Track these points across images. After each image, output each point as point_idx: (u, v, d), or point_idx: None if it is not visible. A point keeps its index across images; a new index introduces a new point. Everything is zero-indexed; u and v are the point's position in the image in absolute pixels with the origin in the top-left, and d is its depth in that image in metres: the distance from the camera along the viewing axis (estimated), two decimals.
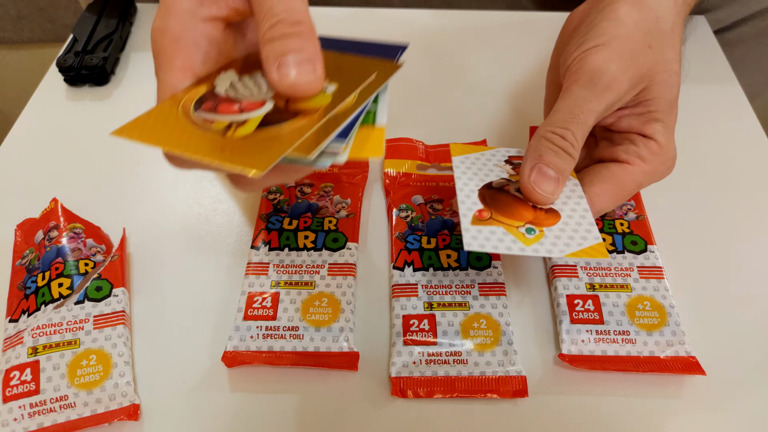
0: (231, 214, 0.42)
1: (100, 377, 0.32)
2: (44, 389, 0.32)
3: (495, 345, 0.34)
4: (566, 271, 0.37)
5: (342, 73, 0.30)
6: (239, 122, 0.27)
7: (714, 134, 0.46)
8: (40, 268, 0.36)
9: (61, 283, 0.36)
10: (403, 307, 0.36)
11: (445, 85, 0.50)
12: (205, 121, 0.28)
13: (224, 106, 0.29)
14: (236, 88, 0.30)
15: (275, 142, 0.26)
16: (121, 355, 0.33)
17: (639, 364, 0.33)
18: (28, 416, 0.31)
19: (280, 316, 0.35)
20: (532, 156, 0.32)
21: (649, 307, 0.35)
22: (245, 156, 0.25)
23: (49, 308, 0.35)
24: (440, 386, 0.33)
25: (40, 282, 0.36)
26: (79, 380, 0.32)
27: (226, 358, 0.33)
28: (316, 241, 0.38)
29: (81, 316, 0.34)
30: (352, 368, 0.33)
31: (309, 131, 0.26)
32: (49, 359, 0.33)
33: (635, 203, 0.40)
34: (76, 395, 0.32)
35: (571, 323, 0.34)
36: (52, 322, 0.34)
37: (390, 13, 0.56)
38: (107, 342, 0.34)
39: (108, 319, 0.35)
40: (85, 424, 0.31)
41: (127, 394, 0.32)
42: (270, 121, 0.27)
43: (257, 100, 0.29)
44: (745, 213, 0.42)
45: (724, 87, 0.49)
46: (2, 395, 0.32)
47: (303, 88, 0.27)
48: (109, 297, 0.36)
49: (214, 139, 0.27)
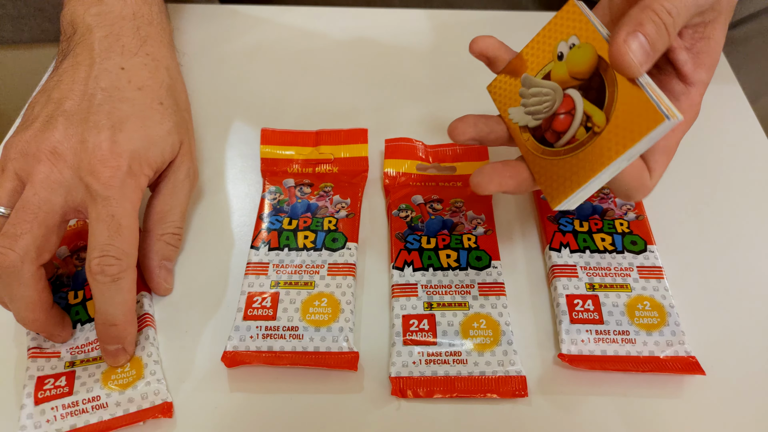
0: (230, 214, 0.42)
1: (133, 378, 0.33)
2: (77, 391, 0.32)
3: (495, 345, 0.34)
4: (566, 271, 0.37)
5: None
6: (585, 120, 0.30)
7: (714, 134, 0.46)
8: (71, 287, 0.37)
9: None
10: (402, 307, 0.36)
11: (445, 85, 0.50)
12: (571, 142, 0.30)
13: (557, 124, 0.31)
14: (534, 111, 0.32)
15: (633, 102, 0.28)
16: (150, 356, 0.34)
17: (639, 364, 0.33)
18: (61, 417, 0.31)
19: (280, 316, 0.35)
20: (631, 23, 0.28)
21: (649, 307, 0.35)
22: (642, 121, 0.27)
23: (87, 327, 0.35)
24: (440, 386, 0.33)
25: (71, 300, 0.36)
26: (112, 383, 0.33)
27: (226, 358, 0.33)
28: (315, 241, 0.38)
29: None
30: (351, 368, 0.33)
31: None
32: (86, 369, 0.33)
33: (635, 203, 0.40)
34: (109, 396, 0.32)
35: (571, 323, 0.34)
36: (89, 341, 0.35)
37: (390, 13, 0.56)
38: (137, 347, 0.34)
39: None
40: (117, 424, 0.31)
41: (159, 392, 0.33)
42: (595, 98, 0.30)
43: (561, 99, 0.31)
44: (745, 213, 0.42)
45: (724, 87, 0.49)
46: (34, 398, 0.32)
47: (162, 292, 0.38)
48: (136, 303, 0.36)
49: (602, 140, 0.29)
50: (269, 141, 0.43)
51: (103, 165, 0.32)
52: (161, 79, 0.38)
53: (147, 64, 0.37)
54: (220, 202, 0.43)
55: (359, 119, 0.47)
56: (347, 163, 0.43)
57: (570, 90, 0.31)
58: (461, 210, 0.40)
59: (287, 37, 0.54)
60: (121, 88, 0.35)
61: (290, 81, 0.51)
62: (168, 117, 0.37)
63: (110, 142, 0.33)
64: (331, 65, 0.52)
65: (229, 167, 0.45)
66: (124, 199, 0.32)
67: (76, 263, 0.38)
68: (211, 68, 0.51)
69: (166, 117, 0.36)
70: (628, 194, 0.32)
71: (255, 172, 0.44)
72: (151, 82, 0.37)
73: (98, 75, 0.35)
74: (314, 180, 0.42)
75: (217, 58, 0.52)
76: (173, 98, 0.38)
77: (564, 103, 0.31)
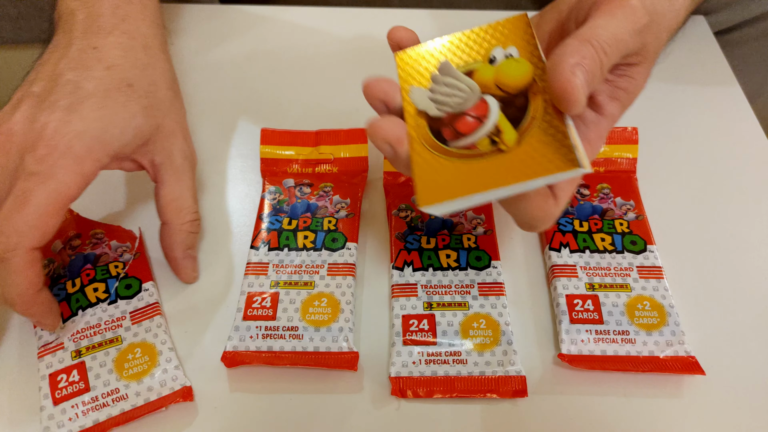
0: (230, 214, 0.42)
1: (148, 366, 0.33)
2: (94, 386, 0.32)
3: (494, 345, 0.34)
4: (566, 271, 0.37)
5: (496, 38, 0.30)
6: (493, 132, 0.28)
7: (714, 134, 0.46)
8: (68, 277, 0.37)
9: (96, 288, 0.36)
10: (402, 307, 0.36)
11: None
12: (469, 148, 0.28)
13: (461, 124, 0.28)
14: (441, 101, 0.30)
15: (553, 137, 0.26)
16: (164, 343, 0.34)
17: (638, 364, 0.33)
18: (83, 414, 0.32)
19: (280, 316, 0.35)
20: (574, 54, 0.27)
21: (649, 306, 0.35)
22: (554, 160, 0.26)
23: (88, 312, 0.35)
24: (440, 386, 0.33)
25: (70, 289, 0.36)
26: (127, 372, 0.33)
27: (226, 358, 0.33)
28: (315, 241, 0.38)
29: (117, 315, 0.35)
30: (351, 368, 0.33)
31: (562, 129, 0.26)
32: (95, 358, 0.33)
33: (635, 203, 0.40)
34: (127, 387, 0.32)
35: (571, 323, 0.34)
36: (90, 325, 0.35)
37: (389, 13, 0.56)
38: (148, 333, 0.34)
39: (144, 313, 0.35)
40: (140, 413, 0.32)
41: (177, 378, 0.33)
42: (512, 116, 0.28)
43: (476, 101, 0.29)
44: (745, 213, 0.42)
45: (724, 88, 0.49)
46: (52, 398, 0.32)
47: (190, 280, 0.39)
48: (140, 293, 0.36)
49: (504, 160, 0.27)
50: (269, 141, 0.43)
51: (41, 143, 0.31)
52: (135, 58, 0.36)
53: (122, 42, 0.36)
54: (220, 202, 0.43)
55: (359, 119, 0.47)
56: (347, 163, 0.43)
57: (488, 96, 0.29)
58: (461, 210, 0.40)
59: (287, 37, 0.54)
60: (91, 67, 0.34)
61: (290, 81, 0.51)
62: (136, 99, 0.35)
63: (59, 122, 0.32)
64: (331, 65, 0.52)
65: (229, 167, 0.45)
66: (51, 179, 0.31)
67: (69, 253, 0.38)
68: (211, 68, 0.51)
69: (133, 99, 0.35)
70: (531, 224, 0.30)
71: (255, 172, 0.44)
72: (123, 62, 0.35)
73: (70, 56, 0.34)
74: (314, 180, 0.42)
75: (217, 58, 0.52)
76: (149, 79, 0.36)
77: (477, 107, 0.29)
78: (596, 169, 0.42)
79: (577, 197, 0.40)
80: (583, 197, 0.40)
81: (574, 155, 0.25)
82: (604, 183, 0.41)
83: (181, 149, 0.38)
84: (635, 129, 0.42)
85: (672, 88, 0.49)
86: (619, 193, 0.40)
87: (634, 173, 0.42)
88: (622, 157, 0.42)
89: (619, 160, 0.42)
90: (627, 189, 0.41)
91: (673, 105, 0.48)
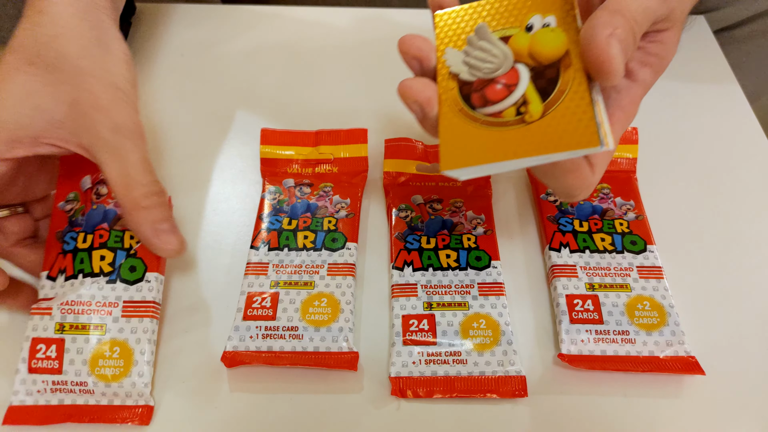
0: (230, 214, 0.42)
1: (120, 373, 0.32)
2: (66, 371, 0.32)
3: (494, 345, 0.34)
4: (566, 271, 0.37)
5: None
6: (520, 102, 0.27)
7: (714, 134, 0.46)
8: (83, 228, 0.34)
9: (104, 256, 0.34)
10: (402, 307, 0.36)
11: None
12: (494, 116, 0.28)
13: (490, 91, 0.28)
14: (474, 65, 0.29)
15: (578, 112, 0.26)
16: (143, 353, 0.33)
17: (638, 364, 0.33)
18: (50, 392, 0.32)
19: (280, 316, 0.35)
20: (606, 26, 0.26)
21: (649, 307, 0.35)
22: (575, 135, 0.26)
23: (87, 281, 0.33)
24: (440, 386, 0.33)
25: (80, 243, 0.34)
26: (99, 371, 0.32)
27: (226, 358, 0.33)
28: (315, 241, 0.38)
29: (111, 299, 0.33)
30: (351, 368, 0.33)
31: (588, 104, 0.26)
32: (75, 341, 0.32)
33: (635, 203, 0.40)
34: (95, 384, 0.32)
35: (571, 323, 0.34)
36: (82, 300, 0.33)
37: (389, 13, 0.56)
38: (132, 335, 0.33)
39: (137, 308, 0.34)
40: (99, 412, 0.32)
41: (143, 395, 0.32)
42: (541, 87, 0.27)
43: (508, 68, 0.29)
44: (744, 213, 0.42)
45: (724, 87, 0.49)
46: (28, 365, 0.32)
47: (177, 253, 0.33)
48: (141, 281, 0.34)
49: (527, 132, 0.27)
50: (269, 141, 0.43)
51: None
52: (41, 34, 0.33)
53: (31, 20, 0.33)
54: (220, 202, 0.43)
55: (359, 119, 0.47)
56: (347, 163, 0.43)
57: (520, 65, 0.29)
58: (461, 210, 0.40)
59: (287, 37, 0.54)
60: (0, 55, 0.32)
61: (290, 81, 0.51)
62: (36, 77, 0.32)
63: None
64: (331, 65, 0.52)
65: (229, 167, 0.45)
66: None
67: (93, 199, 0.35)
68: (211, 68, 0.51)
69: (33, 77, 0.32)
70: (570, 193, 0.30)
71: (255, 172, 0.44)
72: (27, 41, 0.33)
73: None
74: (314, 180, 0.42)
75: (217, 58, 0.52)
76: (57, 51, 0.32)
77: (508, 75, 0.28)
78: None
79: None
80: None
81: (596, 132, 0.25)
82: (604, 183, 0.41)
83: (111, 123, 0.32)
84: (635, 129, 0.42)
85: (672, 88, 0.49)
86: (619, 193, 0.40)
87: (634, 173, 0.42)
88: (622, 157, 0.42)
89: (619, 160, 0.42)
90: (627, 189, 0.41)
91: (673, 105, 0.48)
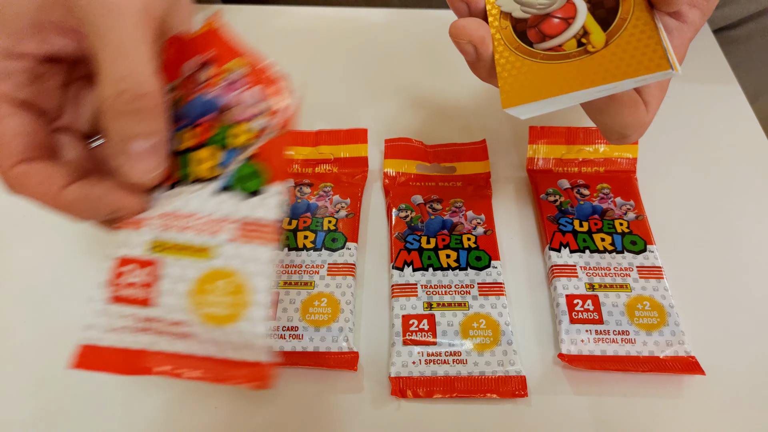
0: None
1: (233, 315, 0.23)
2: (159, 303, 0.24)
3: (494, 345, 0.34)
4: (566, 271, 0.37)
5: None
6: (580, 34, 0.27)
7: (714, 134, 0.46)
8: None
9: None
10: (402, 307, 0.36)
11: (445, 85, 0.50)
12: (555, 50, 0.27)
13: (547, 26, 0.28)
14: (527, 2, 0.29)
15: (644, 38, 0.26)
16: (258, 293, 0.23)
17: (638, 364, 0.33)
18: (131, 331, 0.24)
19: (280, 316, 0.35)
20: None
21: (649, 306, 0.35)
22: (644, 60, 0.25)
23: (186, 191, 0.25)
24: (440, 386, 0.33)
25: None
26: (210, 307, 0.23)
27: None
28: (315, 241, 0.38)
29: (217, 215, 0.24)
30: (351, 368, 0.33)
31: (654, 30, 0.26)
32: (173, 265, 0.24)
33: (635, 203, 0.40)
34: (206, 330, 0.23)
35: (571, 323, 0.34)
36: (182, 213, 0.25)
37: (390, 13, 0.56)
38: (247, 264, 0.24)
39: (249, 230, 0.24)
40: (212, 365, 0.23)
41: (262, 342, 0.23)
42: (600, 17, 0.27)
43: (563, 2, 0.28)
44: (745, 213, 0.41)
45: (724, 87, 0.49)
46: (111, 291, 0.24)
47: (144, 182, 0.25)
48: (257, 194, 0.25)
49: (591, 61, 0.26)
50: None
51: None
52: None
53: None
54: None
55: (359, 119, 0.47)
56: (347, 163, 0.43)
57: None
58: (461, 210, 0.40)
59: (288, 36, 0.54)
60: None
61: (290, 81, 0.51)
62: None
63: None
64: (331, 65, 0.52)
65: None
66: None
67: (197, 88, 0.27)
68: None
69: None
70: (623, 132, 0.29)
71: None
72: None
73: None
74: (314, 180, 0.42)
75: None
76: None
77: (564, 8, 0.28)
78: (596, 169, 0.42)
79: (577, 197, 0.40)
80: (583, 197, 0.40)
81: (665, 56, 0.25)
82: (604, 183, 0.41)
83: (99, 3, 0.24)
84: None
85: (672, 88, 0.49)
86: (619, 193, 0.40)
87: (634, 173, 0.42)
88: (622, 157, 0.42)
89: (619, 160, 0.42)
90: (627, 189, 0.41)
91: (673, 105, 0.48)
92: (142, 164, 0.24)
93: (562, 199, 0.40)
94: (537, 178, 0.42)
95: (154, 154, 0.24)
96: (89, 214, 0.25)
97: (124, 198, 0.25)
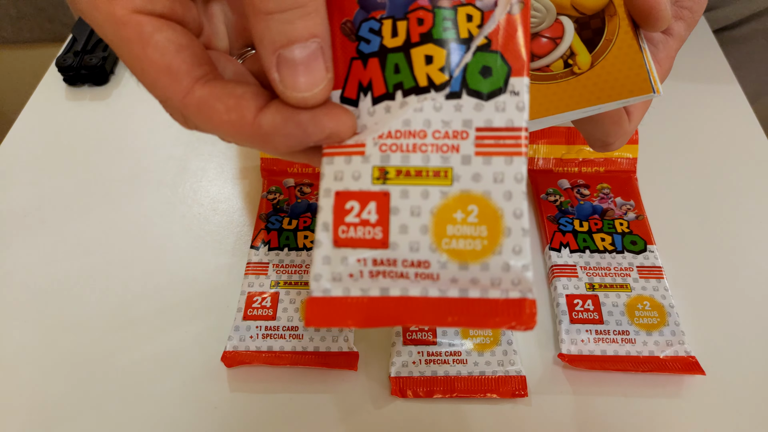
0: (230, 214, 0.42)
1: (486, 248, 0.20)
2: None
3: (495, 345, 0.34)
4: (566, 271, 0.37)
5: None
6: (567, 54, 0.28)
7: (713, 134, 0.46)
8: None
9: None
10: None
11: None
12: (543, 71, 0.28)
13: (536, 46, 0.28)
14: None
15: (627, 61, 0.26)
16: (511, 218, 0.20)
17: (638, 363, 0.33)
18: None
19: (280, 315, 0.35)
20: None
21: (649, 306, 0.35)
22: (627, 83, 0.26)
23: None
24: (440, 386, 0.33)
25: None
26: (447, 244, 0.20)
27: (226, 358, 0.33)
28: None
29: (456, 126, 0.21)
30: (351, 368, 0.33)
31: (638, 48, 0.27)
32: (406, 194, 0.20)
33: (635, 203, 0.40)
34: (451, 266, 0.20)
35: (571, 323, 0.34)
36: (422, 130, 0.20)
37: None
38: (493, 185, 0.20)
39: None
40: (468, 307, 0.20)
41: (521, 281, 0.20)
42: (587, 38, 0.27)
43: (551, 22, 0.28)
44: (745, 213, 0.42)
45: (724, 87, 0.49)
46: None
47: (306, 98, 0.20)
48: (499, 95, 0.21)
49: (578, 83, 0.27)
50: None
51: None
52: None
53: None
54: (220, 202, 0.43)
55: None
56: None
57: (563, 17, 0.28)
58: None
59: None
60: None
61: None
62: None
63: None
64: None
65: (229, 167, 0.45)
66: None
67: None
68: None
69: None
70: (606, 141, 0.30)
71: (255, 172, 0.44)
72: None
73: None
74: (314, 180, 0.42)
75: None
76: None
77: (552, 28, 0.28)
78: (596, 169, 0.42)
79: (577, 197, 0.40)
80: (583, 197, 0.40)
81: (648, 79, 0.26)
82: (604, 183, 0.41)
83: None
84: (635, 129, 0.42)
85: (672, 88, 0.49)
86: (619, 193, 0.40)
87: (634, 173, 0.42)
88: (622, 157, 0.42)
89: (619, 160, 0.42)
90: (627, 189, 0.41)
91: (673, 105, 0.48)
92: (302, 77, 0.20)
93: (562, 198, 0.40)
94: (537, 178, 0.42)
95: (316, 62, 0.20)
96: (295, 141, 0.21)
97: (337, 117, 0.21)
